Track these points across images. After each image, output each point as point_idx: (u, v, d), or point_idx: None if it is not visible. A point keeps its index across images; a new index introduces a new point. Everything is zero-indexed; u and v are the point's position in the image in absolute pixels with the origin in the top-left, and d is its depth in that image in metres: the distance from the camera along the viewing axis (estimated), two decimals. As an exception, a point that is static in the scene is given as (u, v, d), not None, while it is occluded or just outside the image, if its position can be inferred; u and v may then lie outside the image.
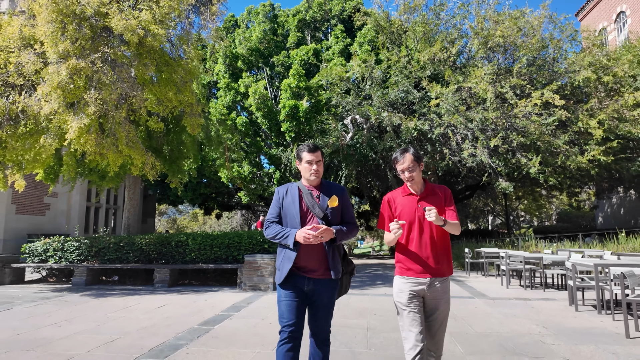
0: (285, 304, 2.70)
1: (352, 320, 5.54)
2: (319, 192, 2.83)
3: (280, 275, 2.73)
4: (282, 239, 2.70)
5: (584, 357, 4.00)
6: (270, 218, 2.85)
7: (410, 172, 2.72)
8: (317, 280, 2.71)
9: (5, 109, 7.52)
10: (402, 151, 2.77)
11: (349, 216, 2.88)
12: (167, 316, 5.87)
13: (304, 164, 2.81)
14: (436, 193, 2.78)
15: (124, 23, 7.74)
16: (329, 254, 2.72)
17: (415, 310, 2.64)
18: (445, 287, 2.69)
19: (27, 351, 4.19)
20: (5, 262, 9.22)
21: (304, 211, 2.77)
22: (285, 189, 2.88)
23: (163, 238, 9.29)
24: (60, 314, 6.02)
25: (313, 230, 2.57)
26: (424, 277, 2.65)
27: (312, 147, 2.83)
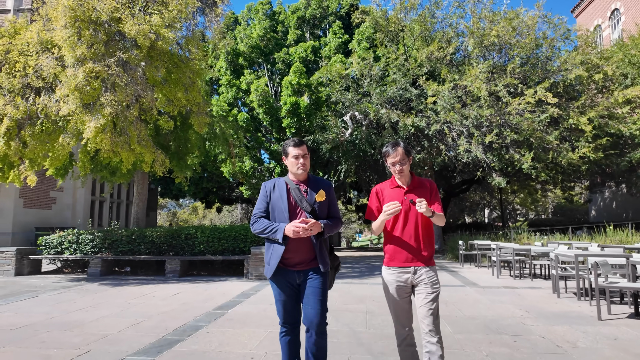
0: (281, 303, 2.80)
1: (352, 305, 6.08)
2: (306, 187, 2.87)
3: (270, 269, 2.78)
4: (270, 233, 2.74)
5: (557, 335, 4.55)
6: (257, 213, 2.88)
7: (401, 165, 2.80)
8: (306, 272, 2.78)
9: (27, 110, 7.98)
10: (393, 145, 2.85)
11: (334, 210, 2.95)
12: (183, 302, 6.40)
13: (291, 158, 2.84)
14: (423, 186, 2.88)
15: (136, 28, 8.19)
16: (316, 247, 2.77)
17: (403, 299, 2.77)
18: (431, 274, 2.78)
19: (65, 331, 4.71)
20: (24, 254, 9.73)
21: (292, 205, 2.81)
22: (272, 184, 2.91)
23: (173, 231, 9.82)
24: (85, 301, 6.55)
25: (303, 224, 2.62)
26: (408, 265, 2.76)
27: (298, 142, 2.87)
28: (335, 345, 4.11)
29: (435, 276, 2.79)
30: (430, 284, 2.75)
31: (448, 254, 15.40)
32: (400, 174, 2.82)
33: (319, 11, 21.17)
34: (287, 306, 2.79)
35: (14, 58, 8.59)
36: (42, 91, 8.29)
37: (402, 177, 2.85)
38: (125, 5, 8.88)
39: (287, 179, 2.90)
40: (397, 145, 2.83)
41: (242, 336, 4.49)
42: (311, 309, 2.74)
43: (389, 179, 2.96)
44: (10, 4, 19.77)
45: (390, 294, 2.80)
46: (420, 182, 2.89)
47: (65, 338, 4.43)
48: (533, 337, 4.47)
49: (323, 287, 2.80)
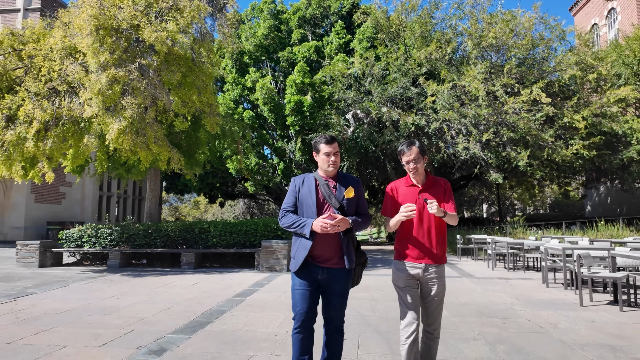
0: (299, 292, 2.79)
1: (359, 293, 6.69)
2: (335, 183, 2.88)
3: (295, 263, 2.81)
4: (298, 228, 2.76)
5: (542, 318, 5.15)
6: (286, 207, 2.89)
7: (415, 163, 2.82)
8: (332, 270, 2.79)
9: (53, 113, 8.53)
10: (408, 144, 2.86)
11: (363, 208, 2.95)
12: (203, 291, 7.00)
13: (322, 155, 2.85)
14: (437, 185, 2.90)
15: (155, 35, 8.71)
16: (343, 244, 2.79)
17: (412, 292, 2.81)
18: (441, 272, 2.85)
19: (105, 315, 5.31)
20: (47, 247, 10.32)
21: (321, 201, 2.83)
22: (301, 179, 2.93)
23: (187, 225, 10.42)
24: (113, 289, 7.15)
25: (330, 219, 2.64)
26: (420, 262, 2.81)
27: (330, 139, 2.88)
28: (346, 326, 4.71)
29: (443, 276, 2.87)
30: (438, 282, 2.82)
31: (447, 248, 16.02)
32: (415, 172, 2.85)
33: (320, 11, 21.64)
34: (306, 299, 2.79)
35: (38, 63, 9.13)
36: (66, 95, 8.83)
37: (417, 175, 2.87)
38: (143, 13, 9.40)
39: (316, 175, 2.92)
40: (413, 145, 2.85)
41: (264, 318, 5.09)
42: (333, 308, 2.82)
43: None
44: (20, 4, 20.23)
45: (399, 285, 2.86)
46: (434, 181, 2.91)
47: (107, 320, 5.03)
48: (520, 320, 5.07)
49: (347, 287, 2.85)
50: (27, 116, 8.39)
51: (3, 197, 19.12)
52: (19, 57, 9.33)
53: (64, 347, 3.97)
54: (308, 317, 2.80)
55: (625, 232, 14.14)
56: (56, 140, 8.68)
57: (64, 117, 8.68)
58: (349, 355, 3.78)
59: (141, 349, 3.92)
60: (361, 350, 3.94)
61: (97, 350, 3.89)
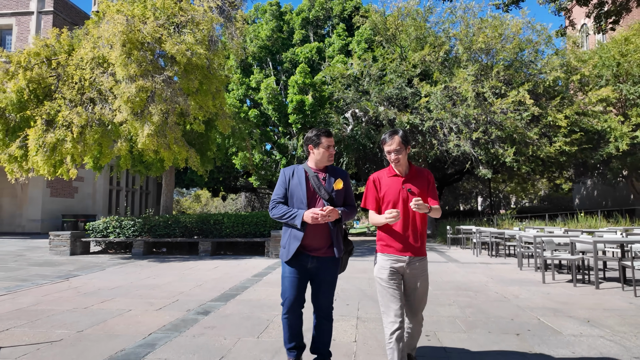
0: (289, 279, 2.90)
1: (357, 274, 7.85)
2: (324, 175, 2.96)
3: (287, 253, 2.89)
4: (289, 219, 2.83)
5: (508, 292, 6.32)
6: (276, 198, 2.95)
7: (397, 154, 2.77)
8: (321, 258, 2.88)
9: (87, 118, 9.61)
10: (390, 133, 2.83)
11: (350, 199, 3.05)
12: (225, 272, 8.16)
13: (322, 148, 2.92)
14: (421, 176, 2.87)
15: (176, 48, 9.80)
16: (333, 233, 2.88)
17: (394, 287, 2.76)
18: (424, 265, 2.85)
19: (150, 290, 6.45)
20: (76, 237, 11.43)
21: (311, 193, 2.89)
22: (291, 171, 2.99)
23: (204, 217, 11.56)
24: (146, 272, 8.30)
25: (320, 210, 2.72)
26: (404, 254, 2.78)
27: (329, 132, 2.96)
28: (348, 296, 5.88)
29: (426, 267, 2.89)
30: (421, 274, 2.84)
31: (438, 238, 17.22)
32: (396, 162, 2.82)
33: (322, 13, 22.65)
34: (295, 286, 2.90)
35: (71, 72, 10.19)
36: (98, 101, 9.90)
37: (399, 165, 2.84)
38: (163, 26, 10.47)
39: (305, 167, 2.99)
40: (395, 134, 2.81)
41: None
42: (322, 296, 2.93)
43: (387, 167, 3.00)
44: (33, 7, 21.14)
45: (383, 279, 2.81)
46: (418, 172, 2.89)
47: (154, 294, 6.17)
48: (489, 293, 6.25)
49: (335, 275, 2.97)
50: (66, 120, 9.47)
51: (21, 191, 20.19)
52: (52, 66, 10.38)
53: (129, 310, 5.11)
54: (297, 303, 2.93)
55: (603, 223, 15.34)
56: (90, 142, 9.76)
57: (96, 121, 9.75)
58: (352, 313, 4.93)
59: (190, 311, 5.07)
60: (360, 311, 5.10)
61: (157, 312, 5.04)
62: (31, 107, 9.78)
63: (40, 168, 9.50)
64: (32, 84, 9.87)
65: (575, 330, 4.26)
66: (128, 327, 4.38)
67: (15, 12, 21.29)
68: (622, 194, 23.36)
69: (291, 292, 2.91)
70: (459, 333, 4.16)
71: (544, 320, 4.65)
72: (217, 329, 4.31)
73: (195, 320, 4.62)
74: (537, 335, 4.07)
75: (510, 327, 4.36)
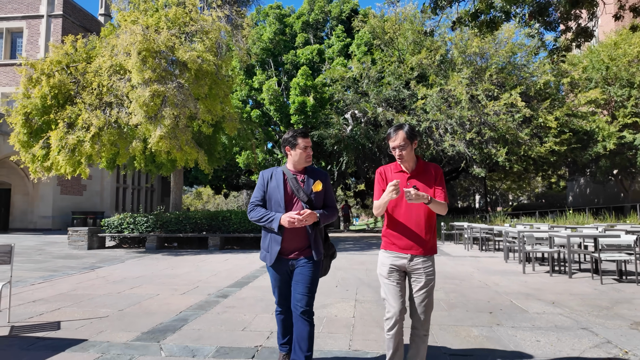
0: (277, 288, 2.95)
1: (356, 266, 8.63)
2: (303, 177, 2.90)
3: (270, 257, 2.87)
4: (266, 222, 2.79)
5: (490, 280, 7.09)
6: (254, 201, 2.92)
7: (401, 150, 2.70)
8: (300, 261, 2.85)
9: (105, 120, 10.37)
10: (396, 128, 2.74)
11: (330, 200, 2.97)
12: (235, 264, 8.93)
13: (300, 149, 2.87)
14: (427, 171, 2.78)
15: (188, 55, 10.54)
16: (310, 237, 2.84)
17: (395, 283, 2.71)
18: (429, 263, 2.73)
19: (171, 279, 7.22)
20: (93, 232, 12.20)
21: (289, 195, 2.84)
22: (269, 173, 2.94)
23: (212, 214, 12.33)
24: (163, 264, 9.07)
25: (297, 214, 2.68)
26: (406, 252, 2.70)
27: (305, 132, 2.90)
28: (348, 284, 6.66)
29: (431, 266, 2.75)
30: (425, 274, 2.71)
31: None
32: (401, 159, 2.74)
33: (322, 16, 23.37)
34: (282, 291, 2.92)
35: (90, 78, 10.93)
36: (115, 105, 10.65)
37: (404, 162, 2.76)
38: (176, 35, 11.21)
39: (284, 169, 2.94)
40: (400, 129, 2.73)
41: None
42: (298, 295, 2.81)
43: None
44: (43, 10, 21.84)
45: (384, 276, 2.77)
46: (425, 167, 2.80)
47: (175, 282, 6.94)
48: (473, 281, 7.03)
49: (313, 275, 2.85)
50: (85, 123, 10.23)
51: (32, 189, 20.95)
52: (72, 73, 11.12)
53: (157, 295, 5.88)
54: (287, 305, 2.97)
55: (590, 220, 16.13)
56: (106, 143, 10.52)
57: (113, 124, 10.50)
58: (352, 297, 5.71)
59: (211, 295, 5.85)
60: (358, 295, 5.87)
61: (181, 296, 5.81)
62: (54, 111, 10.52)
63: (62, 167, 10.25)
64: (54, 89, 10.61)
65: (540, 309, 5.04)
66: (160, 307, 5.15)
67: (25, 15, 22.00)
68: (612, 192, 24.15)
69: (280, 294, 2.95)
70: (441, 311, 4.93)
71: (516, 302, 5.43)
72: (236, 308, 5.08)
73: (217, 302, 5.40)
74: (507, 313, 4.85)
75: (485, 307, 5.13)
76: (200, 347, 3.67)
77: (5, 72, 21.97)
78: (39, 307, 5.14)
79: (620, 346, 3.70)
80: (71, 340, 3.85)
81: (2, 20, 22.10)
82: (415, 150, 2.80)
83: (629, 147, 17.37)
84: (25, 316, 4.69)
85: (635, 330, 4.16)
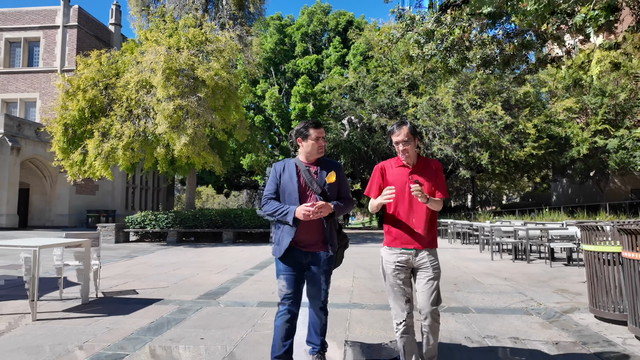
0: (285, 277, 2.81)
1: (353, 255, 10.25)
2: (316, 168, 2.86)
3: (279, 249, 2.81)
4: (281, 215, 2.74)
5: (462, 265, 8.71)
6: (267, 194, 2.87)
7: (405, 144, 2.70)
8: (315, 254, 2.83)
9: (135, 130, 11.91)
10: (398, 124, 2.75)
11: (344, 191, 2.93)
12: (250, 254, 10.51)
13: (311, 140, 2.82)
14: (428, 167, 2.79)
15: (207, 74, 12.10)
16: (326, 229, 2.81)
17: (401, 283, 2.72)
18: (433, 256, 2.74)
19: (201, 264, 8.78)
20: (119, 228, 13.74)
21: (303, 187, 2.81)
22: (282, 166, 2.89)
23: (225, 211, 13.92)
24: (189, 254, 10.63)
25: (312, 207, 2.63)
26: (409, 247, 2.71)
27: (317, 123, 2.85)
28: (347, 267, 8.28)
29: (436, 260, 2.76)
30: (431, 267, 2.72)
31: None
32: (404, 153, 2.74)
33: (320, 27, 24.99)
34: (292, 283, 2.81)
35: (119, 93, 12.46)
36: (143, 117, 12.19)
37: (408, 157, 2.77)
38: (194, 55, 12.76)
39: (297, 161, 2.90)
40: (403, 124, 2.76)
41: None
42: (317, 290, 2.84)
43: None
44: (59, 21, 23.26)
45: (388, 275, 2.77)
46: (426, 163, 2.82)
47: (206, 265, 8.51)
48: (448, 265, 8.65)
49: (329, 268, 2.87)
50: (118, 133, 11.77)
51: (50, 189, 22.41)
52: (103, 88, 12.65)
53: (197, 274, 7.45)
54: (294, 301, 2.83)
55: (564, 217, 17.83)
56: (136, 150, 12.07)
57: (141, 133, 12.05)
58: (350, 275, 7.31)
59: (240, 274, 7.43)
60: (355, 274, 7.48)
61: (217, 274, 7.39)
62: (90, 123, 12.06)
63: (98, 171, 11.78)
64: (88, 102, 12.14)
65: (493, 282, 6.67)
66: (204, 281, 6.73)
67: (42, 25, 23.42)
68: (591, 192, 25.91)
69: (289, 290, 2.80)
70: (418, 283, 6.54)
71: (477, 278, 7.06)
72: (262, 282, 6.67)
73: (246, 278, 6.99)
74: (467, 285, 6.47)
75: (452, 281, 6.75)
76: (246, 301, 5.26)
77: (23, 79, 23.40)
78: (110, 282, 6.70)
79: (538, 301, 5.33)
80: (151, 299, 5.42)
81: (20, 31, 23.51)
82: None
83: (602, 151, 19.08)
84: (106, 287, 6.25)
85: (555, 294, 5.79)
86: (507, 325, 4.23)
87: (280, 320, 2.81)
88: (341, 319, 4.47)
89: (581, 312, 4.72)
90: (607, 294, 4.22)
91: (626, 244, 3.71)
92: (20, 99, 23.52)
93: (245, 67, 15.60)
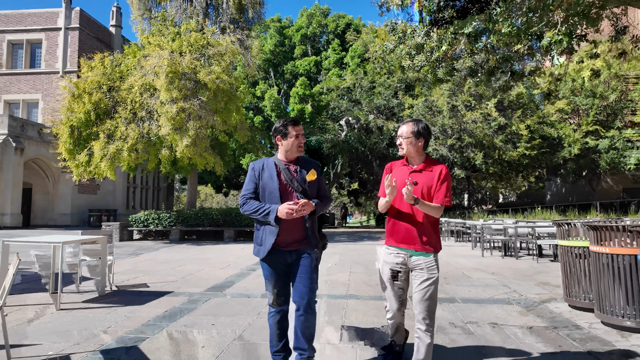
0: (272, 282, 2.83)
1: (350, 252, 10.68)
2: (296, 167, 2.86)
3: (263, 250, 2.79)
4: (262, 215, 2.71)
5: (454, 261, 9.16)
6: (246, 194, 2.84)
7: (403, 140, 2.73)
8: (298, 251, 2.81)
9: (139, 132, 12.31)
10: (406, 121, 2.77)
11: (323, 190, 2.95)
12: (251, 252, 10.77)
13: (291, 138, 2.81)
14: (431, 170, 2.73)
15: (208, 77, 12.50)
16: (308, 227, 2.81)
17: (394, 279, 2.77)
18: (430, 260, 2.68)
19: (205, 261, 9.20)
20: (123, 227, 14.14)
21: (283, 186, 2.79)
22: (261, 165, 2.88)
23: (226, 210, 14.32)
24: (192, 252, 11.05)
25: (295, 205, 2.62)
26: (405, 247, 2.70)
27: (296, 120, 2.84)
28: (345, 263, 8.71)
29: (433, 262, 2.70)
30: (427, 269, 2.67)
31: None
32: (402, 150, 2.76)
33: (319, 30, 25.41)
34: (279, 285, 2.82)
35: (123, 95, 12.86)
36: (146, 119, 12.59)
37: (409, 156, 2.77)
38: (196, 59, 13.17)
39: (276, 160, 2.88)
40: (410, 122, 2.77)
41: (297, 261, 9.06)
42: (303, 287, 2.77)
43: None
44: (61, 23, 23.60)
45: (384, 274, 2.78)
46: (430, 166, 2.76)
47: (210, 262, 8.93)
48: (441, 261, 8.96)
49: (315, 265, 2.85)
50: (123, 134, 12.17)
51: (52, 189, 22.77)
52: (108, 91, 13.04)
53: (203, 269, 7.88)
54: (283, 301, 2.85)
55: (555, 215, 18.31)
56: (140, 152, 12.47)
57: (145, 135, 12.45)
58: (347, 270, 7.75)
59: (243, 269, 7.85)
60: (352, 269, 7.92)
61: (221, 270, 7.81)
62: (96, 125, 12.46)
63: (103, 172, 12.18)
64: (93, 105, 12.53)
65: (481, 276, 7.11)
66: (210, 275, 7.16)
67: (44, 27, 23.76)
68: (583, 191, 26.42)
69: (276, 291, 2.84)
70: (410, 277, 6.98)
71: (466, 273, 7.50)
72: (265, 276, 7.09)
73: (249, 273, 7.42)
74: (456, 278, 6.91)
75: (442, 275, 7.19)
76: (251, 293, 5.69)
77: (26, 80, 23.75)
78: (121, 277, 7.11)
79: (520, 293, 5.78)
80: (162, 292, 5.85)
81: (22, 32, 23.85)
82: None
83: (593, 151, 19.56)
84: (118, 282, 6.67)
85: (537, 286, 6.24)
86: (489, 313, 4.67)
87: (272, 320, 2.89)
88: (338, 308, 4.90)
89: (557, 302, 5.17)
90: (579, 284, 4.67)
91: (592, 239, 4.15)
92: (22, 99, 23.86)
93: (245, 69, 15.97)
